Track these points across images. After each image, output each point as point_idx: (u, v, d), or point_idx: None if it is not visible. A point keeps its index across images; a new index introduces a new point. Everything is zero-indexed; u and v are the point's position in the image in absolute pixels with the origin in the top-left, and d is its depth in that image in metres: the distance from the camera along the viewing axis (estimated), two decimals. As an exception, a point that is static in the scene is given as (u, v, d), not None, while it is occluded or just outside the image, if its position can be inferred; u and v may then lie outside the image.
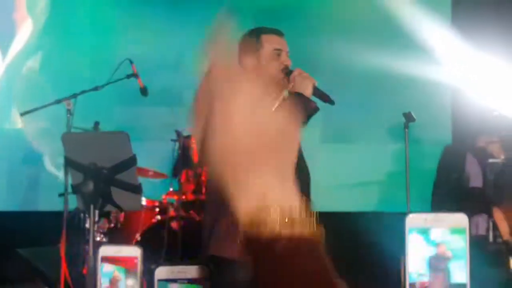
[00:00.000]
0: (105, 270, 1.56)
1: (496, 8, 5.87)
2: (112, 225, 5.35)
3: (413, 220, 1.35)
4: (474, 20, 5.90)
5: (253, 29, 3.33)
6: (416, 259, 1.32)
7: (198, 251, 3.26)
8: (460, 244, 1.35)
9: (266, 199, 0.79)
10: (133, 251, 1.47)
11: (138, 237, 5.21)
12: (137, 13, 6.54)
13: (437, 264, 1.31)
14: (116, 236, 5.32)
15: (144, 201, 5.27)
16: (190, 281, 1.51)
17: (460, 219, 1.35)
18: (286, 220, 0.78)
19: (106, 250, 1.53)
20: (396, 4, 6.03)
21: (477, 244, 4.17)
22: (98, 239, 5.10)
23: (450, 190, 4.52)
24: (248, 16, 6.49)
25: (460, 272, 1.33)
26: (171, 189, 5.60)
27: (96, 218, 4.62)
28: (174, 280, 1.51)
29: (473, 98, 4.45)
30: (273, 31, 3.26)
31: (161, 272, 1.51)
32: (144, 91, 5.03)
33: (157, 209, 5.46)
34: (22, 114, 4.97)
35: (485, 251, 4.09)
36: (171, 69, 6.45)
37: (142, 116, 6.44)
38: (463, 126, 4.75)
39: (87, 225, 5.00)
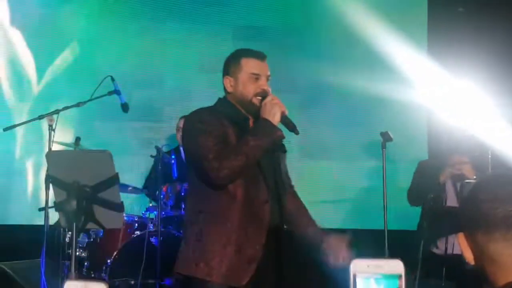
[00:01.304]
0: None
1: (469, 36, 6.03)
2: (92, 239, 5.37)
3: (357, 265, 1.45)
4: (448, 46, 6.06)
5: (236, 50, 3.35)
6: None
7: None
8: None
9: None
10: (99, 288, 1.46)
11: (117, 252, 5.24)
12: (119, 30, 6.59)
13: None
14: (95, 251, 5.34)
15: (124, 216, 5.30)
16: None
17: (397, 264, 1.45)
18: None
19: (71, 286, 1.52)
20: (375, 29, 6.15)
21: (452, 264, 4.25)
22: (77, 253, 5.12)
23: (426, 209, 4.59)
24: (228, 33, 6.58)
25: None
26: (150, 205, 5.64)
27: (76, 233, 4.67)
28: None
29: (448, 119, 4.55)
30: (254, 55, 3.25)
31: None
32: (125, 107, 5.06)
33: (136, 224, 5.49)
34: (5, 130, 4.99)
35: (459, 271, 4.17)
36: (152, 86, 6.50)
37: (122, 132, 6.48)
38: (439, 146, 4.85)
39: (67, 240, 5.04)
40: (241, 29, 6.63)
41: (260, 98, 3.15)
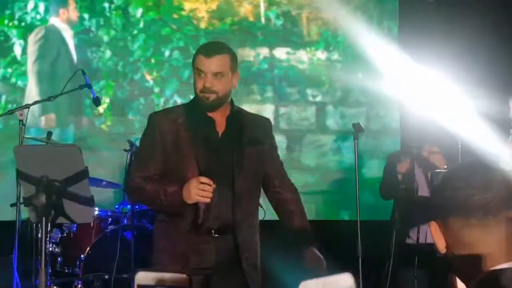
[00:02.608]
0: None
1: (440, 27, 6.07)
2: (65, 235, 5.35)
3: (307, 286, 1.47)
4: (419, 38, 6.09)
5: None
6: None
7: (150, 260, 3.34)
8: None
9: None
10: None
11: (90, 247, 5.23)
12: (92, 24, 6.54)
13: None
14: (69, 246, 5.33)
15: (97, 211, 5.29)
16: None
17: (346, 279, 1.49)
18: None
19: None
20: (346, 20, 6.17)
21: (425, 253, 4.28)
22: (50, 249, 5.10)
23: (398, 199, 4.61)
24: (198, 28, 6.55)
25: None
26: (124, 199, 5.63)
27: (49, 228, 4.64)
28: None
29: (419, 111, 4.58)
30: (201, 51, 3.29)
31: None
32: (97, 101, 5.04)
33: (110, 219, 5.48)
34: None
35: (431, 260, 4.21)
36: (125, 80, 6.46)
37: (95, 126, 6.44)
38: (410, 137, 4.88)
39: (39, 235, 5.01)
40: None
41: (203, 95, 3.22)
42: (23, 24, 6.44)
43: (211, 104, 3.23)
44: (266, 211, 3.88)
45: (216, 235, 3.19)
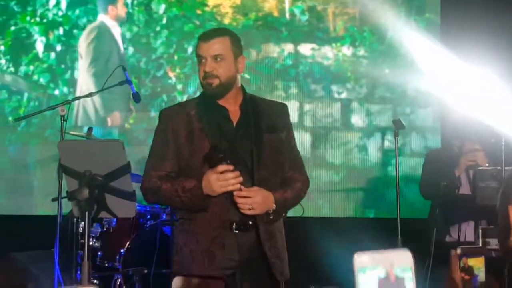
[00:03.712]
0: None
1: (483, 22, 5.98)
2: (105, 229, 5.40)
3: (361, 258, 1.41)
4: (462, 32, 6.01)
5: None
6: None
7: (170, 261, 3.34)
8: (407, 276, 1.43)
9: None
10: None
11: (130, 242, 5.27)
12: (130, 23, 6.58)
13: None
14: (109, 240, 5.38)
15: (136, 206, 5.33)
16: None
17: (404, 254, 1.43)
18: None
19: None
20: (387, 15, 6.11)
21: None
22: (90, 243, 5.15)
23: (439, 197, 4.57)
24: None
25: None
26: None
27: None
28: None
29: (462, 107, 4.53)
30: (201, 37, 3.19)
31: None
32: (136, 97, 5.07)
33: (149, 214, 5.52)
34: (15, 120, 5.02)
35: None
36: (147, 76, 6.49)
37: (134, 121, 6.49)
38: (451, 134, 4.83)
39: (80, 229, 5.07)
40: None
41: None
42: (45, 20, 6.46)
43: (216, 90, 3.10)
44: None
45: (237, 231, 3.06)
